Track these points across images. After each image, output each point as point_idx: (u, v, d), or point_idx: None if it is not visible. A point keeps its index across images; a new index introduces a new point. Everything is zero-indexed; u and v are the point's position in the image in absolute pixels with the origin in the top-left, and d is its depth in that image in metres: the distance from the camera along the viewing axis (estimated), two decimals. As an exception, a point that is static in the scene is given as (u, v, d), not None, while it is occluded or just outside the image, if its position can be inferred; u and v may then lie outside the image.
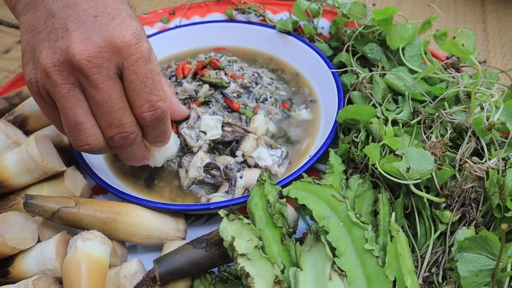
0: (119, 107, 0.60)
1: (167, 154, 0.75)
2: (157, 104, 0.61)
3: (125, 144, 0.64)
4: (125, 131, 0.62)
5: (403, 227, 0.60)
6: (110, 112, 0.60)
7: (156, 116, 0.62)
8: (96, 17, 0.58)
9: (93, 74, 0.57)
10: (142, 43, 0.59)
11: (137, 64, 0.59)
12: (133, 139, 0.64)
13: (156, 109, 0.62)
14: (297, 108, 0.88)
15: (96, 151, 0.64)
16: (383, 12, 0.83)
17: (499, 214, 0.53)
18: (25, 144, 0.68)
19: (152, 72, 0.61)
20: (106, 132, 0.62)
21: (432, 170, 0.57)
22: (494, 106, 0.64)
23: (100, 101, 0.59)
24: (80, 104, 0.60)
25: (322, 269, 0.51)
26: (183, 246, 0.61)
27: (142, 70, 0.59)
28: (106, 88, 0.59)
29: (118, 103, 0.60)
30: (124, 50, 0.58)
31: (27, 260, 0.61)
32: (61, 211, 0.62)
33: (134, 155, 0.67)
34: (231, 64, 0.90)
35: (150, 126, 0.64)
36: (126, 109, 0.61)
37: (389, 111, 0.75)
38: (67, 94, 0.59)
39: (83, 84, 0.59)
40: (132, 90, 0.60)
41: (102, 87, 0.58)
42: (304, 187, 0.58)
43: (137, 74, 0.59)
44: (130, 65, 0.59)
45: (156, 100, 0.61)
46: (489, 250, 0.48)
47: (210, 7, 1.06)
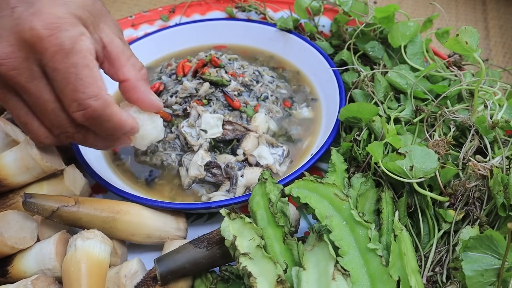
0: (53, 108, 0.56)
1: (146, 141, 0.67)
2: (85, 103, 0.54)
3: (76, 141, 0.62)
4: (66, 131, 0.59)
5: (407, 226, 0.59)
6: (45, 113, 0.56)
7: (88, 115, 0.55)
8: (14, 8, 0.52)
9: (14, 77, 0.53)
10: (59, 33, 0.52)
11: (55, 59, 0.52)
12: (81, 137, 0.60)
13: (86, 108, 0.55)
14: (298, 107, 0.87)
15: (53, 145, 0.62)
16: (385, 10, 0.83)
17: (504, 213, 0.53)
18: (24, 143, 0.67)
19: (76, 66, 0.53)
20: (52, 131, 0.59)
21: (436, 169, 0.56)
22: (497, 104, 0.64)
23: (32, 103, 0.56)
24: (20, 106, 0.57)
25: (325, 268, 0.51)
26: (184, 246, 0.60)
27: (62, 65, 0.52)
28: (33, 89, 0.54)
29: (49, 104, 0.56)
30: (36, 44, 0.51)
31: (26, 259, 0.61)
32: (60, 210, 0.62)
33: (98, 146, 0.64)
34: (231, 62, 0.90)
35: (90, 125, 0.58)
36: (61, 109, 0.56)
37: (391, 109, 0.74)
38: (4, 98, 0.56)
39: (13, 87, 0.55)
40: (57, 88, 0.54)
41: (28, 89, 0.54)
42: (307, 186, 0.57)
43: (57, 71, 0.53)
44: (47, 61, 0.52)
45: (83, 98, 0.54)
46: (495, 249, 0.47)
47: (210, 5, 1.05)
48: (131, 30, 1.01)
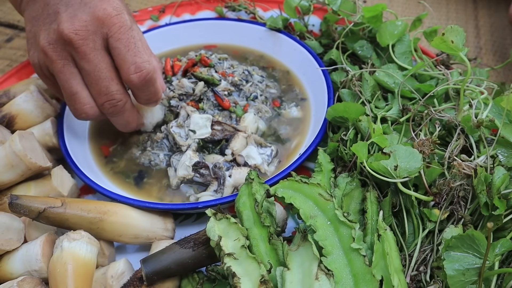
0: (106, 76, 0.67)
1: (154, 120, 0.80)
2: (142, 65, 0.67)
3: (115, 111, 0.71)
4: (113, 98, 0.69)
5: (391, 226, 0.59)
6: (98, 80, 0.67)
7: (143, 77, 0.68)
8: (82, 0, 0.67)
9: (81, 45, 0.65)
10: (123, 14, 0.67)
11: (120, 31, 0.66)
12: (121, 106, 0.70)
13: (142, 70, 0.67)
14: (288, 106, 0.87)
15: (94, 118, 0.72)
16: (373, 9, 0.83)
17: (487, 212, 0.53)
18: (9, 141, 0.67)
19: (135, 38, 0.67)
20: (97, 100, 0.69)
21: (420, 168, 0.56)
22: (483, 104, 0.64)
23: (88, 70, 0.67)
24: (74, 76, 0.68)
25: (309, 268, 0.51)
26: (170, 246, 0.61)
27: (125, 36, 0.67)
28: (94, 58, 0.66)
29: (105, 72, 0.67)
30: (106, 20, 0.65)
31: (12, 261, 0.61)
32: (47, 211, 0.62)
33: (126, 121, 0.74)
34: (221, 61, 0.90)
35: (139, 88, 0.69)
36: (113, 78, 0.68)
37: (378, 108, 0.75)
38: (62, 68, 0.67)
39: (74, 57, 0.67)
40: (117, 55, 0.67)
41: (89, 57, 0.66)
42: (291, 186, 0.57)
43: (120, 40, 0.66)
44: (113, 33, 0.66)
45: (140, 61, 0.67)
46: (476, 248, 0.48)
47: (200, 4, 1.05)
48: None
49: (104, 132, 0.85)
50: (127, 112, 0.73)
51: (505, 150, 0.59)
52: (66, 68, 0.67)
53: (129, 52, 0.67)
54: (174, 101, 0.82)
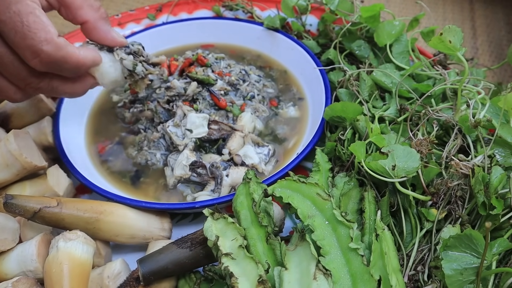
0: (10, 60, 0.58)
1: (105, 81, 0.70)
2: (37, 49, 0.56)
3: (44, 91, 0.63)
4: (30, 81, 0.60)
5: (389, 225, 0.59)
6: (5, 68, 0.58)
7: (44, 61, 0.57)
8: None
9: None
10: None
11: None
12: (46, 85, 0.62)
13: (39, 53, 0.56)
14: (285, 106, 0.87)
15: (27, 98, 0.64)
16: (370, 9, 0.83)
17: (484, 212, 0.53)
18: (3, 140, 0.67)
19: (20, 14, 0.55)
20: (18, 86, 0.61)
21: (418, 168, 0.56)
22: (480, 104, 0.64)
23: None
24: None
25: (307, 268, 0.51)
26: (167, 246, 0.60)
27: (6, 16, 0.54)
28: None
29: (6, 56, 0.57)
30: None
31: (7, 261, 0.60)
32: (42, 211, 0.61)
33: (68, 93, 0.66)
34: (218, 61, 0.90)
35: (52, 69, 0.60)
36: (18, 61, 0.58)
37: (376, 108, 0.75)
38: None
39: None
40: (8, 41, 0.56)
41: None
42: (289, 186, 0.57)
43: (3, 22, 0.54)
44: None
45: (34, 44, 0.56)
46: (474, 248, 0.48)
47: (198, 3, 1.04)
48: (117, 29, 1.00)
49: (101, 131, 0.84)
50: (61, 86, 0.64)
51: (502, 150, 0.59)
52: None
53: (17, 34, 0.55)
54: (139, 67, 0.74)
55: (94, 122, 0.86)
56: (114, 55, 0.69)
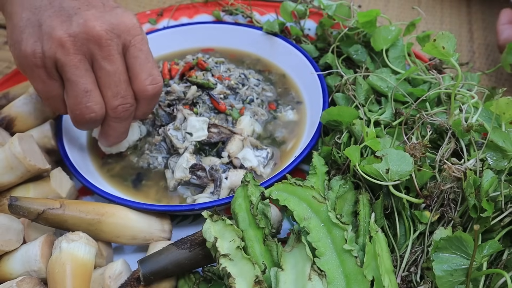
0: (125, 79, 0.69)
1: (134, 137, 0.81)
2: (158, 78, 0.71)
3: (126, 115, 0.71)
4: (127, 102, 0.70)
5: (383, 227, 0.61)
6: (118, 82, 0.68)
7: (156, 89, 0.71)
8: (104, 5, 0.69)
9: (108, 45, 0.66)
10: (141, 27, 0.71)
11: (142, 43, 0.70)
12: (131, 111, 0.72)
13: (157, 82, 0.71)
14: (283, 109, 0.89)
15: (98, 120, 0.71)
16: (367, 15, 0.84)
17: (475, 215, 0.55)
18: (8, 143, 0.69)
19: (150, 53, 0.72)
20: (111, 101, 0.69)
21: (411, 172, 0.58)
22: (473, 108, 0.66)
23: (110, 71, 0.68)
24: (89, 74, 0.68)
25: (302, 269, 0.52)
26: (167, 247, 0.62)
27: (146, 48, 0.71)
28: (117, 59, 0.68)
29: (124, 76, 0.69)
30: (132, 29, 0.69)
31: (12, 261, 0.62)
32: (46, 212, 0.63)
33: (124, 130, 0.74)
34: (218, 65, 0.91)
35: (149, 100, 0.72)
36: (129, 82, 0.70)
37: (372, 112, 0.76)
38: (78, 63, 0.66)
39: (95, 56, 0.67)
40: (138, 65, 0.69)
41: (113, 58, 0.67)
42: (286, 189, 0.58)
43: (142, 51, 0.70)
44: (136, 43, 0.69)
45: (157, 74, 0.71)
46: (464, 250, 0.49)
47: (198, 8, 1.06)
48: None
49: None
50: (130, 120, 0.74)
51: (494, 153, 0.61)
52: (83, 64, 0.67)
53: (148, 63, 0.70)
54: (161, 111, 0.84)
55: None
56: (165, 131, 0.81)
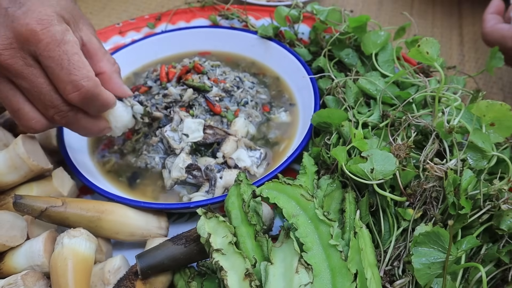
0: (48, 90, 0.64)
1: (119, 124, 0.78)
2: (79, 84, 0.63)
3: (69, 121, 0.69)
4: (61, 110, 0.66)
5: (369, 224, 0.64)
6: (40, 95, 0.64)
7: (82, 95, 0.64)
8: (7, 8, 0.62)
9: (11, 65, 0.61)
10: (50, 28, 0.62)
11: (49, 48, 0.61)
12: (73, 115, 0.68)
13: (80, 88, 0.64)
14: (277, 111, 0.92)
15: (43, 130, 0.69)
16: (357, 20, 0.87)
17: (454, 211, 0.58)
18: (12, 144, 0.72)
19: (67, 53, 0.62)
20: (45, 113, 0.67)
21: (394, 171, 0.61)
22: (455, 110, 0.69)
23: (27, 88, 0.64)
24: (13, 93, 0.65)
25: (290, 263, 0.56)
26: (163, 243, 0.65)
27: (55, 53, 0.62)
28: (29, 75, 0.63)
29: (45, 87, 0.64)
30: (31, 37, 0.61)
31: (16, 256, 0.65)
32: (48, 210, 0.66)
33: (85, 128, 0.72)
34: (214, 68, 0.94)
35: (82, 105, 0.67)
36: (55, 90, 0.65)
37: (361, 114, 0.79)
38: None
39: (8, 75, 0.63)
40: (51, 74, 0.63)
41: (24, 75, 0.63)
42: (276, 187, 0.62)
43: (51, 58, 0.62)
44: (42, 51, 0.61)
45: (77, 79, 0.63)
46: (441, 244, 0.52)
47: (195, 13, 1.09)
48: (118, 37, 1.05)
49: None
50: (83, 120, 0.70)
51: (474, 154, 0.64)
52: (2, 85, 0.64)
53: (63, 70, 0.62)
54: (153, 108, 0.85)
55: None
56: (125, 102, 0.78)
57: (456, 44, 1.20)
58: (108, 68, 0.73)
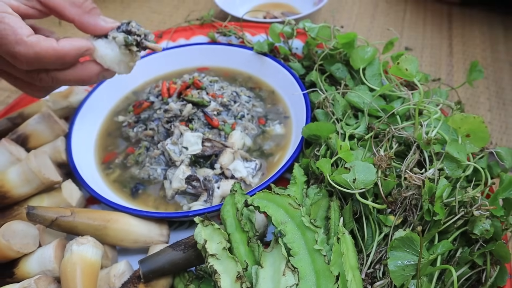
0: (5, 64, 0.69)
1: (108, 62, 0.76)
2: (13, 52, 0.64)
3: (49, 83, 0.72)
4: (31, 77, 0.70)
5: (353, 230, 0.69)
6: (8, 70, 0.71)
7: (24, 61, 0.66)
8: None
9: None
10: None
11: None
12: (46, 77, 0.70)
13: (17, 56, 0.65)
14: (272, 124, 0.97)
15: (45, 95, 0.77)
16: (346, 37, 0.93)
17: (429, 218, 0.63)
18: (25, 159, 0.78)
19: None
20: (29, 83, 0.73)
21: (374, 181, 0.66)
22: (433, 122, 0.74)
23: None
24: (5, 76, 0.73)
25: (279, 266, 0.61)
26: (164, 249, 0.70)
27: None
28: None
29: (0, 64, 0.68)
30: None
31: (29, 262, 0.71)
32: (58, 219, 0.72)
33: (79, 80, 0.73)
34: (212, 84, 1.00)
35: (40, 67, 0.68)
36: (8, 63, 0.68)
37: (349, 125, 0.84)
38: None
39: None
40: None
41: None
42: (266, 197, 0.67)
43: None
44: None
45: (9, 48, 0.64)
46: (414, 248, 0.57)
47: (194, 30, 1.15)
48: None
49: (108, 148, 0.95)
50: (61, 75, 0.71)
51: (450, 163, 0.68)
52: None
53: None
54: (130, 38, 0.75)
55: (102, 141, 0.97)
56: (109, 37, 0.74)
57: (445, 55, 1.25)
58: (75, 13, 0.71)
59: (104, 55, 0.75)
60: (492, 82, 1.17)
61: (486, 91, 1.15)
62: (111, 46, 0.75)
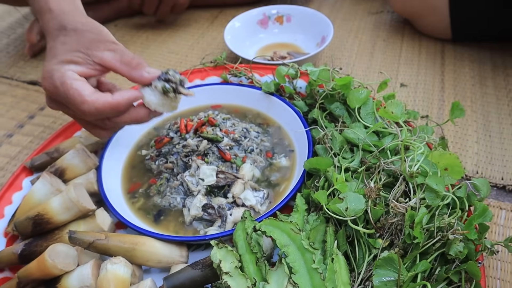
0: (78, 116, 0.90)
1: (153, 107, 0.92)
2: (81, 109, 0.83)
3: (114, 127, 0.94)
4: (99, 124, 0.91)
5: (346, 251, 0.80)
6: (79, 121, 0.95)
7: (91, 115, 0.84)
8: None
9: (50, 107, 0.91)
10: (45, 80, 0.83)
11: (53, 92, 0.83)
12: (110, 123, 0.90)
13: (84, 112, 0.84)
14: (278, 157, 1.09)
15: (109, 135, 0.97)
16: (343, 80, 1.05)
17: (410, 241, 0.74)
18: (65, 190, 0.91)
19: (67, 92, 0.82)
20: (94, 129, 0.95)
21: (363, 210, 0.77)
22: (417, 157, 0.85)
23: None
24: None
25: (282, 283, 0.72)
26: (184, 268, 0.82)
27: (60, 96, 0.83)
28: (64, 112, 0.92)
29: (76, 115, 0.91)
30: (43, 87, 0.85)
31: (70, 279, 0.82)
32: (95, 242, 0.84)
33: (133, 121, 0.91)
34: (225, 121, 1.13)
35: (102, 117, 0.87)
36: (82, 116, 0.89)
37: (345, 159, 0.96)
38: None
39: None
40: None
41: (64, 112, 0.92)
42: (271, 223, 0.78)
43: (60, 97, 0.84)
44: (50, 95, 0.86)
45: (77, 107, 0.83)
46: (394, 266, 0.68)
47: (208, 72, 1.29)
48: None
49: (133, 179, 1.08)
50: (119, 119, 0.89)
51: (430, 194, 0.79)
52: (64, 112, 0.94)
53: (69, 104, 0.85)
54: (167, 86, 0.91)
55: (127, 173, 1.09)
56: (152, 85, 0.90)
57: (437, 90, 1.37)
58: (125, 71, 0.86)
59: (149, 101, 0.91)
60: (480, 115, 1.27)
61: (474, 123, 1.25)
62: (154, 93, 0.90)
